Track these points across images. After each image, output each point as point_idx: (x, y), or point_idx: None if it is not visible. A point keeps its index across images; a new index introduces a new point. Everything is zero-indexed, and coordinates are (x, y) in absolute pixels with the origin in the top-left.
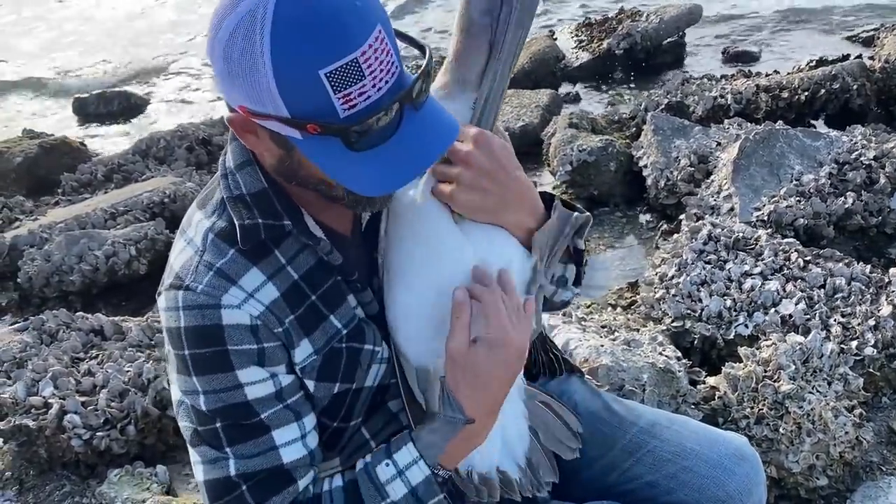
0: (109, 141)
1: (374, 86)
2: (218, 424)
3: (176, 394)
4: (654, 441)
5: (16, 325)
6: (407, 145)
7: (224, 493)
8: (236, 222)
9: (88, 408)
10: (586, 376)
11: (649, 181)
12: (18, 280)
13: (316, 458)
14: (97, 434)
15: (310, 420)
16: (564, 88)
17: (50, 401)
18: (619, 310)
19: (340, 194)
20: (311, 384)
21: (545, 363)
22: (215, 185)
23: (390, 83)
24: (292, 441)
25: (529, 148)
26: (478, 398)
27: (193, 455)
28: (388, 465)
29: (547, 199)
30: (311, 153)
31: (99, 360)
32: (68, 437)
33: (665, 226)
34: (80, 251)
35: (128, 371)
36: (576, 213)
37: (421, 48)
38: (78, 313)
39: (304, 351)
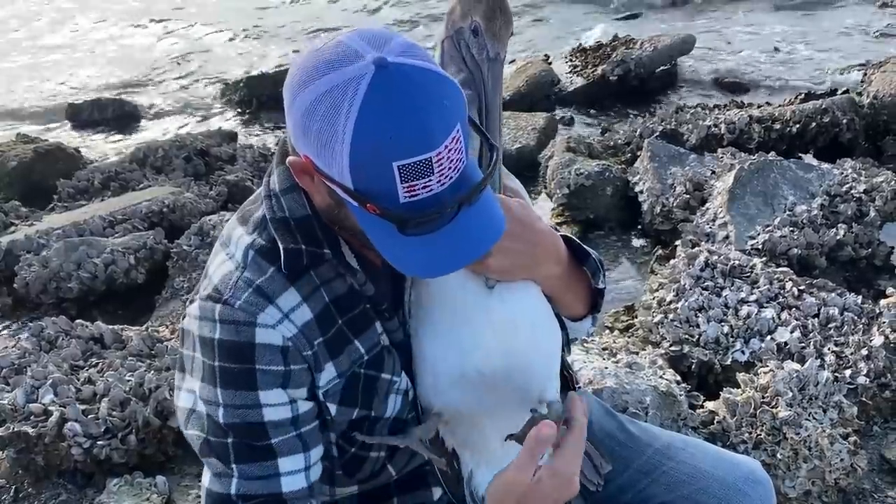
0: (103, 148)
1: (439, 181)
2: (230, 440)
3: (187, 401)
4: (669, 462)
5: (12, 328)
6: (457, 238)
7: None
8: (281, 246)
9: (89, 416)
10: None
11: (645, 206)
12: (14, 285)
13: (315, 491)
14: (98, 443)
15: (317, 452)
16: (559, 112)
17: (50, 408)
18: (616, 332)
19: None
20: (333, 408)
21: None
22: (257, 203)
23: (454, 179)
24: (295, 471)
25: (526, 170)
26: None
27: (205, 462)
28: None
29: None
30: (364, 223)
31: (99, 369)
32: (68, 446)
33: (660, 251)
34: (79, 258)
35: (129, 380)
36: (589, 259)
37: (490, 147)
38: (77, 321)
39: (328, 374)
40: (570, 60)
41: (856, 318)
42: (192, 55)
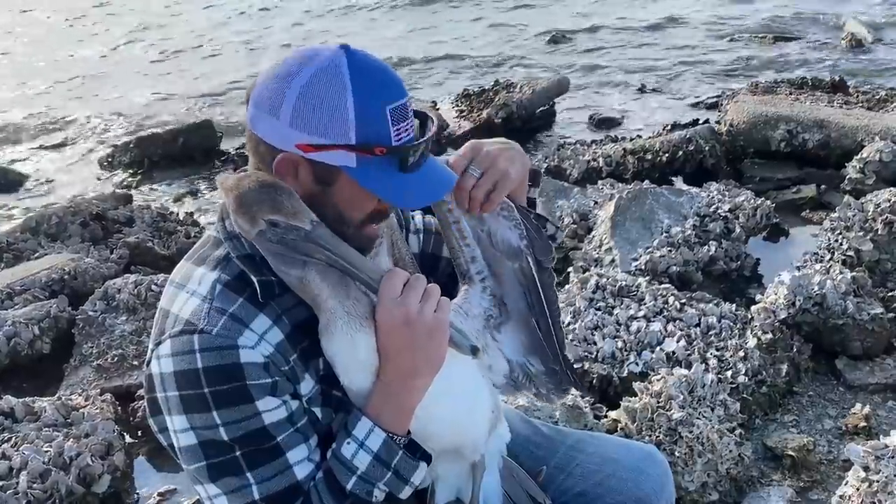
0: None
1: (410, 127)
2: (238, 452)
3: (182, 439)
4: (580, 455)
5: None
6: (435, 174)
7: None
8: (254, 278)
9: (7, 492)
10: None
11: None
12: None
13: (320, 467)
14: None
15: (314, 440)
16: (449, 156)
17: None
18: None
19: (350, 232)
20: (318, 411)
21: None
22: (208, 245)
23: (415, 129)
24: (303, 460)
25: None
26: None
27: (211, 489)
28: (349, 442)
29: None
30: (362, 177)
31: (13, 443)
32: None
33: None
34: None
35: (47, 451)
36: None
37: (431, 119)
38: None
39: (308, 384)
40: (457, 105)
41: (732, 324)
42: (74, 118)
